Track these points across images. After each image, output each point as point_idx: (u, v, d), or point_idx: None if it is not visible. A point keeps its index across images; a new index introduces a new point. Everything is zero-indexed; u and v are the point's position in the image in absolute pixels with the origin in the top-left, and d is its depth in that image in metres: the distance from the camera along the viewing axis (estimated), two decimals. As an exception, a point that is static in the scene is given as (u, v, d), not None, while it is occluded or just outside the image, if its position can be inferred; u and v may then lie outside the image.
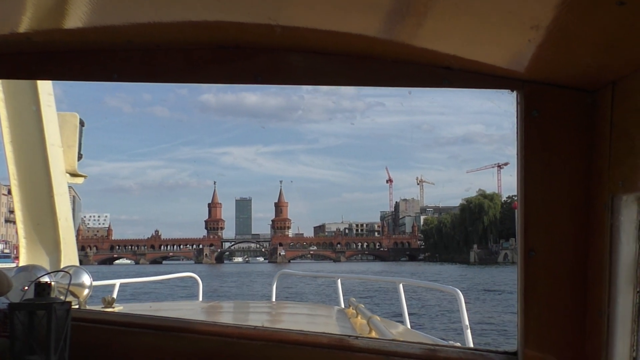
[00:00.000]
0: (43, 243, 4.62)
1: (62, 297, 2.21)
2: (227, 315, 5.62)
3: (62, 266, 4.32)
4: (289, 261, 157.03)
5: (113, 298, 4.14)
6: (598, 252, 1.88)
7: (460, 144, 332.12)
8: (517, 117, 2.00)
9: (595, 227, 1.91)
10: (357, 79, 2.13)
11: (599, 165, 1.89)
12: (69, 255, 4.72)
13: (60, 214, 4.66)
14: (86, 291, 3.63)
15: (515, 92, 2.00)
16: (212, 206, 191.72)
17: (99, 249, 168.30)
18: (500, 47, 1.85)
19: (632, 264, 1.76)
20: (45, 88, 4.95)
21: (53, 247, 4.62)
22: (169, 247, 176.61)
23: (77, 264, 5.07)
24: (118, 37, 2.04)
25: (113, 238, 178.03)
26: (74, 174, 5.45)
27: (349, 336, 2.32)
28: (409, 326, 6.00)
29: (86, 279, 3.63)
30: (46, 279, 2.18)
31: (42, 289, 2.10)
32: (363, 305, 5.03)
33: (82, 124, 5.70)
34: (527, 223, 2.00)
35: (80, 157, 5.66)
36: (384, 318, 4.93)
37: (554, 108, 1.96)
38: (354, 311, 4.96)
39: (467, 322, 5.42)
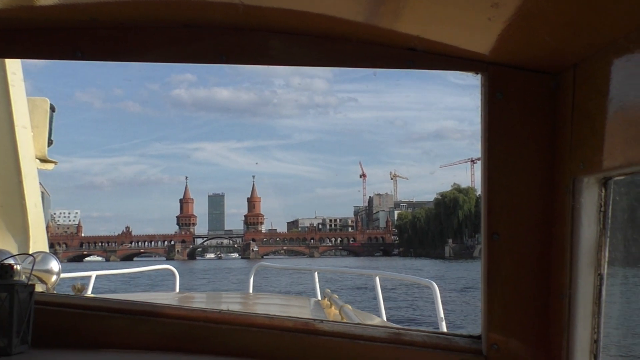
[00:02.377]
0: (10, 228, 4.44)
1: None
2: (202, 304, 5.56)
3: (30, 252, 4.12)
4: (262, 257, 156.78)
5: (83, 285, 3.99)
6: (560, 234, 1.88)
7: (433, 139, 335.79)
8: (481, 100, 2.00)
9: (557, 209, 1.91)
10: (321, 59, 2.14)
11: (561, 147, 1.89)
12: (39, 242, 4.54)
13: (29, 198, 4.47)
14: (54, 277, 3.53)
15: (479, 74, 2.00)
16: (184, 202, 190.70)
17: (68, 246, 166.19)
18: (462, 28, 1.85)
19: (594, 247, 1.76)
20: (11, 67, 4.73)
21: (21, 233, 4.44)
22: (140, 243, 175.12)
23: (47, 250, 4.88)
24: (82, 15, 2.03)
25: (83, 235, 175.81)
26: (44, 160, 5.27)
27: (315, 320, 2.29)
28: (384, 319, 6.11)
29: (54, 265, 3.52)
30: (11, 261, 2.17)
31: (5, 271, 2.11)
32: (337, 296, 5.14)
33: (52, 109, 5.53)
34: (491, 206, 2.01)
35: (50, 142, 5.48)
36: (358, 309, 4.99)
37: (518, 91, 1.96)
38: (329, 302, 5.05)
39: (442, 315, 5.56)
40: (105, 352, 2.31)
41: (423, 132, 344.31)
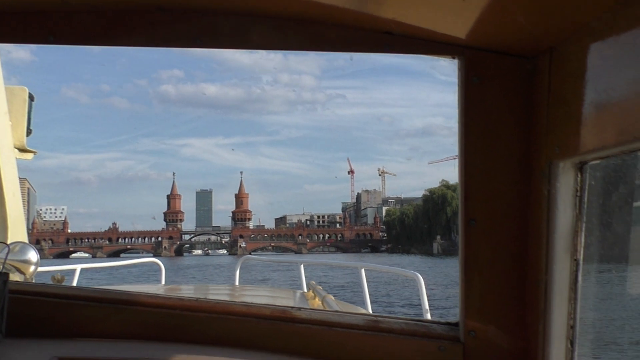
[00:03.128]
0: (-13, 217, 4.35)
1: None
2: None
3: (9, 242, 4.07)
4: (250, 253, 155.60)
5: (63, 277, 3.94)
6: (537, 220, 1.87)
7: (421, 136, 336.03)
8: (458, 85, 1.99)
9: (534, 194, 1.90)
10: (297, 43, 2.13)
11: (537, 132, 1.88)
12: (17, 232, 4.46)
13: (7, 188, 4.38)
14: (32, 268, 3.48)
15: (456, 59, 2.00)
16: (171, 198, 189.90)
17: (54, 243, 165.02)
18: (438, 11, 1.84)
19: (570, 232, 1.76)
20: None
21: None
22: (127, 239, 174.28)
23: (26, 241, 4.82)
24: None
25: (70, 231, 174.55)
26: (22, 149, 5.18)
27: (292, 307, 2.28)
28: (370, 311, 6.15)
29: (33, 255, 3.47)
30: (-15, 251, 1.99)
31: (-22, 260, 2.00)
32: (321, 287, 5.22)
33: (31, 98, 5.45)
34: (467, 192, 2.00)
35: (29, 132, 5.40)
36: (343, 301, 5.00)
37: (494, 75, 1.95)
38: (313, 294, 5.09)
39: (427, 306, 5.58)
40: (81, 342, 2.28)
41: (411, 128, 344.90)
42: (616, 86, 1.47)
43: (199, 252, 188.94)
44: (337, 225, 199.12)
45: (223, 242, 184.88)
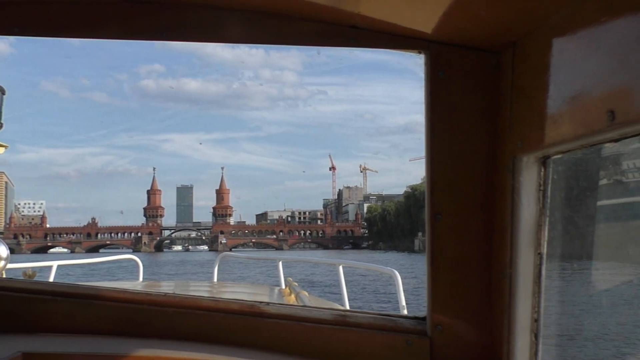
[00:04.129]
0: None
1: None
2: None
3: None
4: (231, 249, 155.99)
5: (34, 272, 3.89)
6: (501, 214, 1.88)
7: (402, 133, 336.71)
8: (424, 80, 2.00)
9: (498, 189, 1.92)
10: (263, 36, 2.13)
11: (502, 126, 1.89)
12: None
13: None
14: (2, 263, 3.47)
15: (422, 54, 2.01)
16: (152, 193, 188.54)
17: (32, 237, 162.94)
18: (403, 5, 1.85)
19: (533, 226, 1.77)
20: None
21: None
22: (106, 235, 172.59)
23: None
24: None
25: (48, 226, 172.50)
26: (-7, 144, 5.11)
27: (260, 302, 2.28)
28: (347, 307, 6.15)
29: (2, 250, 3.46)
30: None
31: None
32: (297, 284, 5.25)
33: (2, 91, 5.37)
34: (434, 186, 2.01)
35: (0, 125, 5.32)
36: (320, 298, 5.02)
37: (460, 69, 1.96)
38: (289, 290, 5.13)
39: (404, 303, 5.61)
40: (48, 336, 2.26)
41: (392, 125, 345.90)
42: (576, 80, 1.47)
43: (179, 247, 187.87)
44: (319, 221, 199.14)
45: (203, 238, 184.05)
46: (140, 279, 7.87)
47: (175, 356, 2.07)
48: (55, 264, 6.78)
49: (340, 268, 6.70)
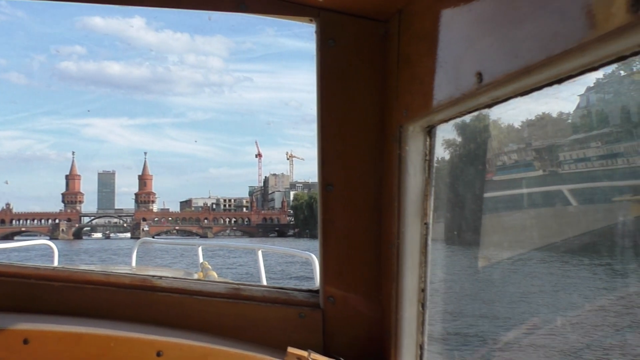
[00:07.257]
0: None
1: None
2: None
3: None
4: (153, 237, 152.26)
5: None
6: (389, 184, 1.89)
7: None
8: (315, 48, 1.99)
9: (387, 159, 1.92)
10: None
11: (389, 95, 1.89)
12: None
13: None
14: None
15: (314, 22, 1.99)
16: (70, 178, 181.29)
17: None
18: None
19: (420, 196, 1.78)
20: None
21: None
22: (21, 221, 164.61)
23: None
24: None
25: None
26: None
27: (153, 276, 2.25)
28: None
29: None
30: None
31: None
32: (210, 267, 5.26)
33: None
34: (324, 157, 1.99)
35: None
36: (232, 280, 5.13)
37: (349, 38, 1.95)
38: (202, 274, 5.20)
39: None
40: None
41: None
42: (451, 45, 1.47)
43: (100, 235, 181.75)
44: (244, 209, 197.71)
45: (125, 225, 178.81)
46: (55, 264, 7.68)
47: (63, 330, 1.99)
48: None
49: (260, 252, 6.76)
